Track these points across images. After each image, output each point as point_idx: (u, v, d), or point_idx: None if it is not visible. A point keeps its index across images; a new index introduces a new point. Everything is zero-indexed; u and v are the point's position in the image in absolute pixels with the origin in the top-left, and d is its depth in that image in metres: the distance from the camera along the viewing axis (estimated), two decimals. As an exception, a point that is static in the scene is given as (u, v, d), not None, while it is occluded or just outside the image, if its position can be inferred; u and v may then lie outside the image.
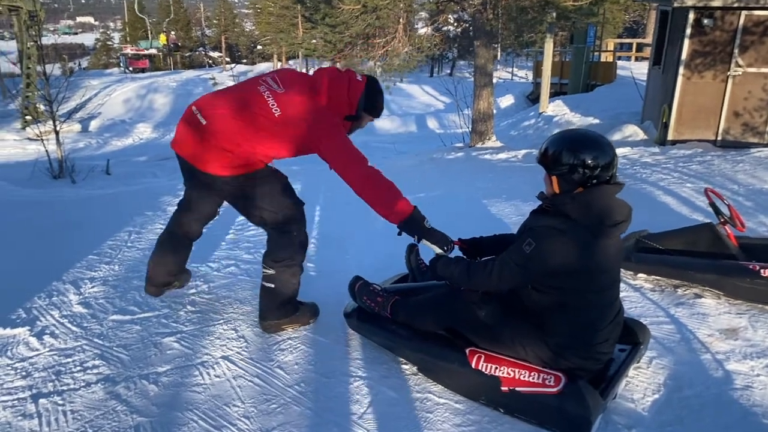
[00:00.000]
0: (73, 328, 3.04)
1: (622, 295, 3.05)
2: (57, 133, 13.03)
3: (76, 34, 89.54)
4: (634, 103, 11.88)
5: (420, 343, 2.53)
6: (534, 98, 17.43)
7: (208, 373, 2.61)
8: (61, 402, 2.42)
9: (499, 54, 28.11)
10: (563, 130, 2.50)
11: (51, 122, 13.25)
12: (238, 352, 2.78)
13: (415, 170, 7.90)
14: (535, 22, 10.33)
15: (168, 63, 42.74)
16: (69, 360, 2.74)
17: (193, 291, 3.44)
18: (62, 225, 5.18)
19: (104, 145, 19.18)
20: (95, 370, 2.65)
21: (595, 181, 2.15)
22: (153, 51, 42.34)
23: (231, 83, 19.73)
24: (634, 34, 36.73)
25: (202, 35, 51.32)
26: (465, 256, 2.73)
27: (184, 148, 2.77)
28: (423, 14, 15.50)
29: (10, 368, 2.69)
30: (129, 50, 42.04)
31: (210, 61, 44.45)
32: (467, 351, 2.37)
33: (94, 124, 22.45)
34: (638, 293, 3.38)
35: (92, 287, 3.59)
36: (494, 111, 10.74)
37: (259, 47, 45.54)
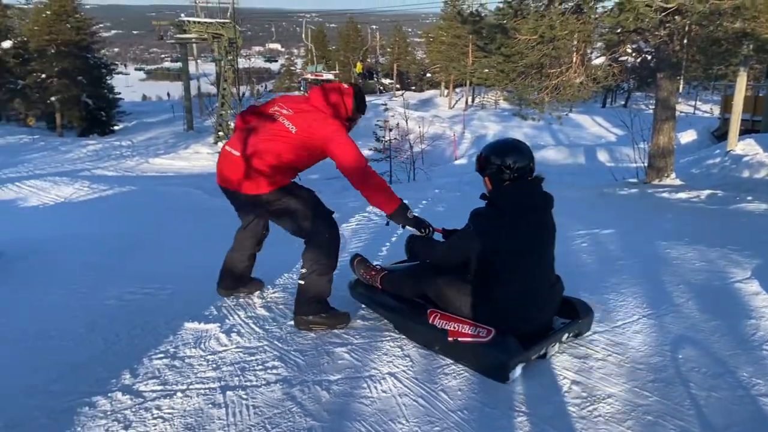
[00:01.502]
0: (257, 329, 3.32)
1: None
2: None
3: (276, 60, 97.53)
4: None
5: (396, 307, 3.21)
6: (720, 135, 16.06)
7: (376, 387, 2.71)
8: (244, 396, 2.65)
9: (681, 86, 26.30)
10: (493, 140, 3.21)
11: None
12: (403, 370, 2.85)
13: (583, 204, 7.60)
14: (729, 54, 9.56)
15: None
16: (252, 358, 2.99)
17: (364, 306, 3.59)
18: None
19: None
20: (274, 371, 2.86)
21: (516, 175, 2.82)
22: (330, 76, 45.15)
23: (401, 110, 20.45)
24: None
25: (376, 62, 53.75)
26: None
27: (227, 180, 3.30)
28: (599, 44, 14.97)
29: (203, 359, 3.00)
30: (309, 75, 45.23)
31: (381, 88, 46.36)
32: (428, 311, 2.98)
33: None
34: None
35: (273, 292, 3.89)
36: (674, 146, 10.05)
37: (428, 75, 46.70)
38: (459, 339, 2.81)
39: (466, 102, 33.48)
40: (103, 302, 3.97)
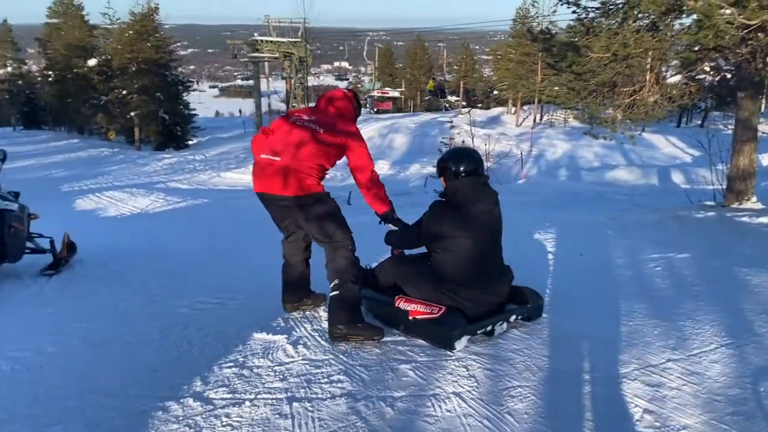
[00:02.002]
0: (323, 342, 3.36)
1: None
2: (311, 164, 14.57)
3: (346, 78, 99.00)
4: None
5: (373, 297, 3.72)
6: (806, 157, 15.17)
7: (440, 406, 2.69)
8: (310, 408, 2.68)
9: (763, 106, 25.10)
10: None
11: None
12: (468, 391, 2.82)
13: (657, 227, 7.33)
14: (817, 72, 9.04)
15: (408, 106, 45.53)
16: (318, 371, 3.03)
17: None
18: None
19: (348, 178, 20.84)
20: (339, 385, 2.89)
21: (464, 175, 3.39)
22: (396, 94, 45.57)
23: (466, 127, 20.39)
24: None
25: (443, 80, 53.88)
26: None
27: (271, 186, 3.45)
28: (675, 62, 14.49)
29: (270, 370, 3.06)
30: (376, 93, 45.79)
31: (447, 105, 46.36)
32: (396, 297, 3.48)
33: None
34: None
35: (339, 307, 3.92)
36: (756, 168, 9.57)
37: (495, 92, 46.40)
38: (417, 317, 3.32)
39: (534, 120, 33.00)
40: (176, 310, 4.12)
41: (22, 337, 3.66)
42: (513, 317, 3.50)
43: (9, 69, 43.78)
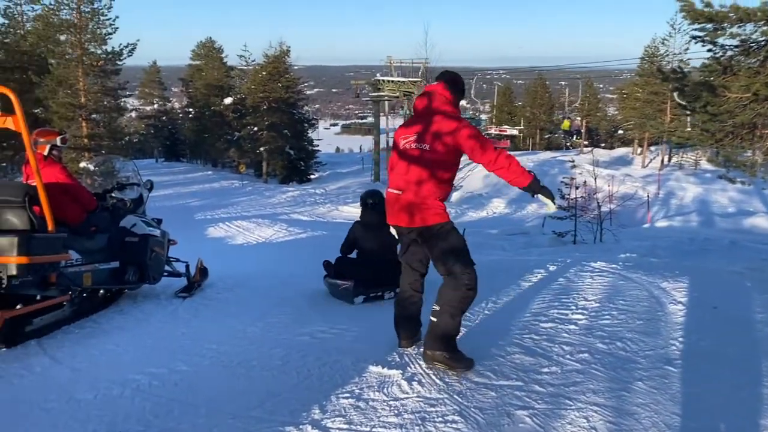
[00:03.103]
0: (437, 381, 3.35)
1: None
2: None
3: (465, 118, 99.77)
4: None
5: (330, 282, 5.79)
6: None
7: (558, 458, 2.59)
8: (425, 446, 2.68)
9: None
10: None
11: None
12: (589, 444, 2.70)
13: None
14: None
15: (527, 144, 44.86)
16: (432, 409, 3.02)
17: (546, 370, 3.47)
18: (434, 282, 5.77)
19: (462, 215, 20.88)
20: (454, 425, 2.86)
21: (369, 208, 5.85)
22: (515, 132, 45.06)
23: (589, 167, 19.72)
24: None
25: (564, 118, 52.64)
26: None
27: (396, 219, 3.63)
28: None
29: (385, 404, 3.10)
30: (492, 130, 45.55)
31: (568, 144, 45.19)
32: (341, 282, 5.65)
33: (455, 196, 24.73)
34: None
35: (454, 346, 3.91)
36: None
37: (620, 132, 44.68)
38: (342, 287, 5.59)
39: (662, 161, 31.35)
40: (296, 337, 4.29)
41: (158, 354, 3.97)
42: (392, 293, 5.46)
43: (155, 106, 48.33)
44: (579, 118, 45.06)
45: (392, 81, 30.44)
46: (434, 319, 3.48)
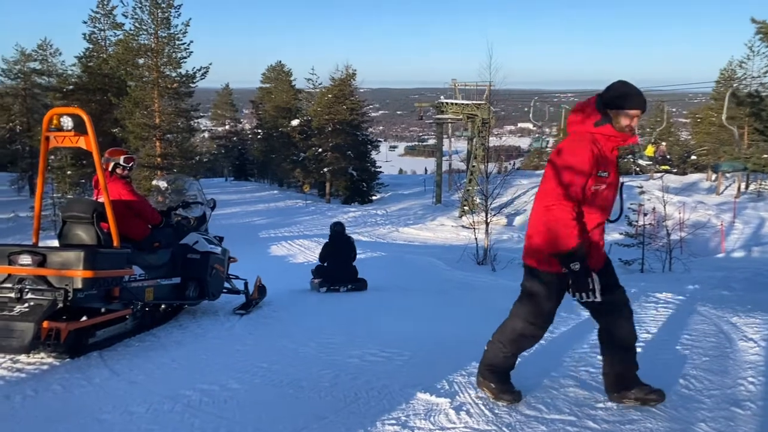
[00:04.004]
0: (486, 412, 3.25)
1: None
2: (487, 224, 14.56)
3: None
4: None
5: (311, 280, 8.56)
6: None
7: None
8: (469, 479, 2.60)
9: None
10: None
11: (483, 214, 14.92)
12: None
13: None
14: None
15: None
16: (480, 441, 2.94)
17: (601, 406, 3.32)
18: (489, 308, 5.67)
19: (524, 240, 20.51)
20: (501, 459, 2.77)
21: (335, 232, 9.17)
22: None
23: (658, 193, 19.03)
24: None
25: (666, 146, 51.14)
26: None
27: (525, 258, 3.31)
28: None
29: (432, 433, 3.03)
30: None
31: (638, 169, 43.81)
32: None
33: (518, 220, 24.32)
34: None
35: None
36: None
37: (692, 157, 42.99)
38: (314, 282, 8.47)
39: (738, 188, 29.88)
40: (347, 360, 4.28)
41: (211, 371, 4.04)
42: (348, 287, 8.30)
43: (227, 127, 50.05)
44: (664, 144, 40.66)
45: (455, 103, 30.40)
46: (486, 348, 3.41)
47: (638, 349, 4.26)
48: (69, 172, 20.02)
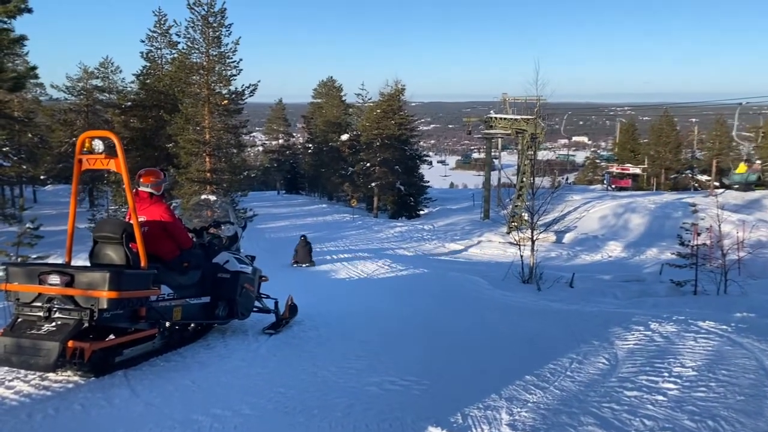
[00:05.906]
0: (497, 449, 3.14)
1: None
2: (533, 241, 14.27)
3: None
4: None
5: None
6: None
7: None
8: None
9: None
10: None
11: (530, 231, 14.62)
12: None
13: None
14: None
15: (651, 183, 42.49)
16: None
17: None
18: (520, 335, 5.52)
19: (573, 258, 20.01)
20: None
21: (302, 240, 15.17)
22: (638, 170, 42.86)
23: (715, 211, 18.26)
24: None
25: (692, 157, 49.45)
26: None
27: None
28: None
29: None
30: (614, 169, 43.62)
31: (695, 185, 42.28)
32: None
33: (568, 237, 23.77)
34: None
35: (523, 410, 3.66)
36: None
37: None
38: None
39: (806, 206, 28.44)
40: (365, 387, 4.21)
41: (228, 395, 4.04)
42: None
43: (280, 141, 51.01)
44: (759, 161, 35.78)
45: (504, 118, 30.10)
46: None
47: (667, 385, 4.07)
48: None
